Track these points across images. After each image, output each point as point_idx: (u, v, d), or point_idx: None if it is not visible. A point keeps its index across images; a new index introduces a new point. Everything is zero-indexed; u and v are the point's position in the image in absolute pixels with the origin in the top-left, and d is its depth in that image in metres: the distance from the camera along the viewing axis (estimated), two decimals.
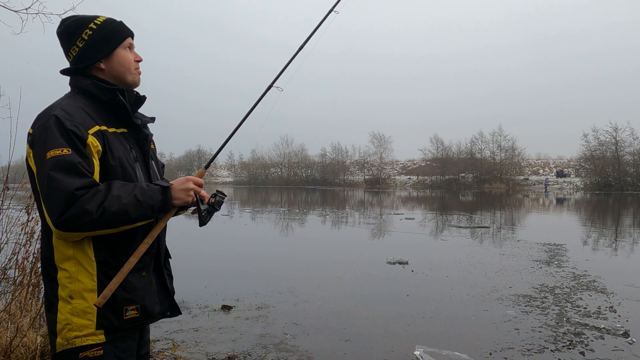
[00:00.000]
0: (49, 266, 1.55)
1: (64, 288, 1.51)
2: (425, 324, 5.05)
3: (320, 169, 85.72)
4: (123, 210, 1.47)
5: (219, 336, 4.58)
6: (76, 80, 1.67)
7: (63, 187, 1.40)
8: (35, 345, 3.49)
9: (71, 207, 1.40)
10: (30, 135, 1.52)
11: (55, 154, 1.44)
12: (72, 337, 1.49)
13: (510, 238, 12.34)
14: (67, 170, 1.43)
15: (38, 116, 1.55)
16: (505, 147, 68.70)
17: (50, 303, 1.55)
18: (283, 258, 9.47)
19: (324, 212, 22.40)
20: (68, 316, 1.50)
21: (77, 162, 1.45)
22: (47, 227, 1.53)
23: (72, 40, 1.66)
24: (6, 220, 4.20)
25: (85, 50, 1.65)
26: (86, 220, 1.42)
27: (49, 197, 1.43)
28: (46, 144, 1.45)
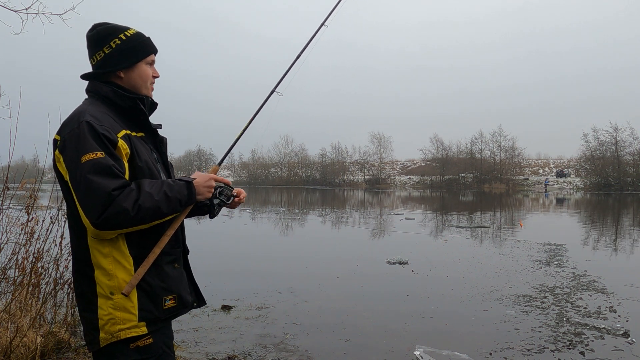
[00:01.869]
0: (86, 267, 1.61)
1: (103, 285, 1.59)
2: (425, 323, 5.05)
3: (320, 169, 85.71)
4: (156, 207, 1.57)
5: (219, 336, 4.58)
6: (96, 87, 1.75)
7: (101, 189, 1.48)
8: (35, 345, 3.49)
9: (109, 207, 1.48)
10: (59, 142, 1.59)
11: (90, 157, 1.51)
12: (116, 330, 1.58)
13: (510, 238, 12.34)
14: (103, 173, 1.51)
15: (64, 123, 1.62)
16: (505, 147, 68.73)
17: (89, 302, 1.62)
18: (283, 258, 9.47)
19: (324, 212, 22.40)
20: (111, 311, 1.58)
21: (111, 165, 1.53)
22: (78, 229, 1.61)
23: (100, 46, 1.73)
24: (6, 220, 4.20)
25: (110, 57, 1.73)
26: (123, 218, 1.51)
27: (86, 199, 1.50)
28: (80, 148, 1.53)
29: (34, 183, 4.28)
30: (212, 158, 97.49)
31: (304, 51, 2.29)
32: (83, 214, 1.51)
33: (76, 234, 1.63)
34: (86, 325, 1.64)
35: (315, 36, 2.34)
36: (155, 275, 1.66)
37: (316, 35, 2.35)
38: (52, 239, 4.25)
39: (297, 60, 2.27)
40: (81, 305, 1.65)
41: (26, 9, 4.20)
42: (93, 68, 1.77)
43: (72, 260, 1.70)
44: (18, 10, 4.20)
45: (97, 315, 1.59)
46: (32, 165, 4.90)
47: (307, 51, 2.31)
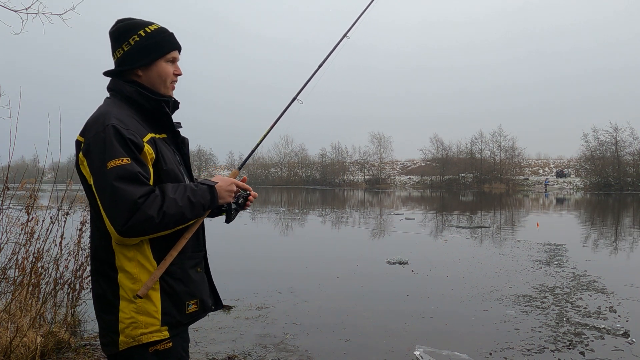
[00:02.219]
0: (109, 269, 1.59)
1: (126, 289, 1.57)
2: (425, 323, 5.05)
3: (320, 169, 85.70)
4: (180, 213, 1.55)
5: (219, 336, 4.58)
6: (119, 85, 1.69)
7: (128, 197, 1.45)
8: (35, 345, 3.49)
9: (134, 215, 1.46)
10: (84, 144, 1.55)
11: (117, 164, 1.48)
12: (138, 334, 1.56)
13: (510, 238, 12.34)
14: (129, 180, 1.48)
15: (89, 125, 1.58)
16: (505, 147, 68.73)
17: (109, 304, 1.59)
18: (283, 258, 9.47)
19: (324, 212, 22.40)
20: (133, 314, 1.56)
21: (138, 172, 1.50)
22: (105, 231, 1.56)
23: (119, 43, 1.69)
24: (6, 220, 4.20)
25: (128, 55, 1.68)
26: (148, 225, 1.48)
27: (112, 206, 1.47)
28: (105, 153, 1.49)
29: (34, 183, 4.28)
30: (212, 158, 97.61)
31: (325, 60, 2.34)
32: (107, 221, 1.49)
33: (102, 235, 1.59)
34: (104, 327, 1.61)
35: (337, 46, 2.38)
36: (180, 280, 1.64)
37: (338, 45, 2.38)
38: (52, 239, 4.25)
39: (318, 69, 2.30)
40: (100, 307, 1.62)
41: (26, 9, 4.20)
42: (115, 66, 1.72)
43: (91, 260, 1.67)
44: (18, 10, 4.20)
45: (117, 318, 1.56)
46: (32, 165, 4.90)
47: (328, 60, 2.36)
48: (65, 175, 4.78)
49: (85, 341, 4.25)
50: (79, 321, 4.72)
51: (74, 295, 4.54)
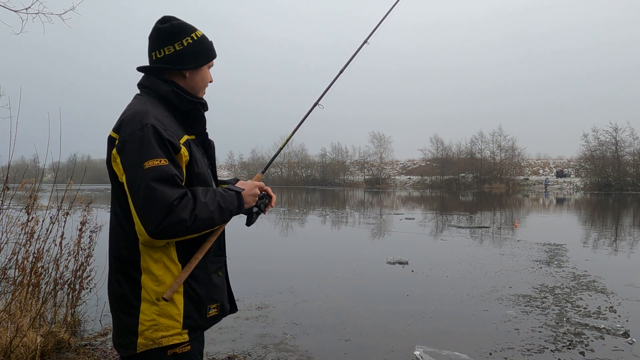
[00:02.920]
0: (132, 269, 1.57)
1: (149, 290, 1.55)
2: (425, 323, 5.05)
3: (320, 169, 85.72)
4: (210, 217, 1.56)
5: (219, 336, 4.57)
6: (154, 84, 1.68)
7: (164, 199, 1.45)
8: (35, 345, 3.49)
9: (168, 217, 1.45)
10: (118, 141, 1.53)
11: (154, 164, 1.47)
12: (158, 337, 1.54)
13: (510, 238, 12.34)
14: (166, 182, 1.47)
15: (124, 122, 1.55)
16: (505, 147, 68.74)
17: (130, 305, 1.56)
18: (283, 258, 9.47)
19: (324, 212, 22.40)
20: (155, 317, 1.54)
21: (175, 174, 1.50)
22: (132, 230, 1.55)
23: (171, 41, 1.67)
24: (6, 220, 4.20)
25: (180, 54, 1.68)
26: (180, 228, 1.48)
27: (146, 207, 1.45)
28: (143, 153, 1.48)
29: (34, 183, 4.28)
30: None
31: (347, 66, 2.43)
32: (138, 221, 1.47)
33: (127, 235, 1.57)
34: (122, 328, 1.58)
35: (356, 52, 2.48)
36: (203, 284, 1.64)
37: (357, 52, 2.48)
38: (52, 239, 4.25)
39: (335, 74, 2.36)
40: (119, 307, 1.59)
41: (26, 9, 4.20)
42: (155, 62, 1.69)
43: (112, 259, 1.63)
44: (18, 10, 4.20)
45: (138, 319, 1.54)
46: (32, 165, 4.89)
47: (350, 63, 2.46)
48: (65, 175, 4.78)
49: (85, 341, 4.25)
50: (79, 321, 4.72)
51: (74, 295, 4.54)
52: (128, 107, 1.63)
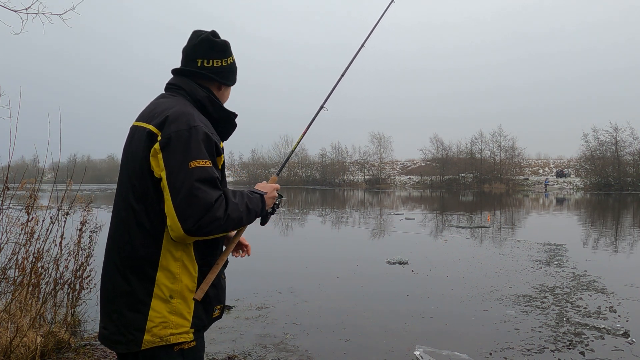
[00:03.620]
0: (149, 266, 1.57)
1: (163, 288, 1.57)
2: (425, 323, 5.05)
3: (320, 169, 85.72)
4: (240, 217, 1.63)
5: (219, 336, 4.57)
6: (192, 87, 1.76)
7: (207, 199, 1.51)
8: (35, 345, 3.49)
9: (206, 215, 1.50)
10: (162, 138, 1.56)
11: (200, 164, 1.53)
12: (167, 334, 1.55)
13: (510, 238, 12.34)
14: (209, 183, 1.54)
15: (171, 119, 1.59)
16: (505, 147, 68.75)
17: (139, 302, 1.56)
18: (283, 258, 9.47)
19: (324, 212, 22.40)
20: (165, 314, 1.56)
21: (216, 177, 1.57)
22: (154, 227, 1.58)
23: (222, 55, 1.81)
24: (6, 220, 4.19)
25: (226, 70, 1.83)
26: (215, 226, 1.54)
27: (187, 204, 1.49)
28: (189, 153, 1.53)
29: (34, 183, 4.28)
30: None
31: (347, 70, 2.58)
32: (175, 217, 1.49)
33: (147, 232, 1.58)
34: (125, 324, 1.57)
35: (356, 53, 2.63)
36: (213, 285, 1.68)
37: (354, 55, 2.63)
38: (52, 239, 4.25)
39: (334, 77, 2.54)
40: (125, 304, 1.58)
41: (26, 9, 4.20)
42: (201, 69, 1.78)
43: (114, 256, 1.63)
44: (18, 10, 4.20)
45: (146, 316, 1.55)
46: (32, 165, 4.89)
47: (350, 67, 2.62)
48: (65, 175, 4.78)
49: (85, 341, 4.25)
50: (79, 321, 4.72)
51: (74, 295, 4.54)
52: (168, 104, 1.66)
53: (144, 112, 1.72)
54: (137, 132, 1.66)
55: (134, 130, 1.69)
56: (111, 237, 1.67)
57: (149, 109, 1.71)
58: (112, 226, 1.69)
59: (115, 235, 1.65)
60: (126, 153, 1.69)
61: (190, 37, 1.82)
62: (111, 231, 1.68)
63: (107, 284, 1.65)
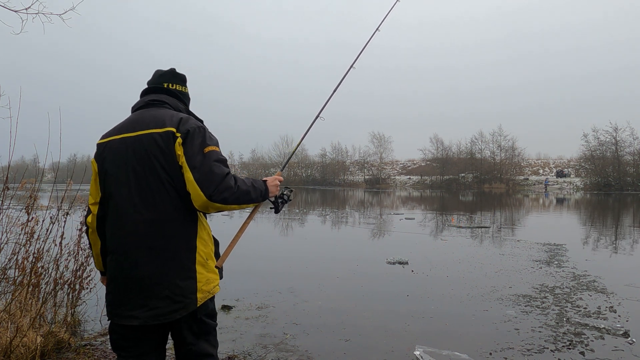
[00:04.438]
0: (191, 237, 2.02)
1: (202, 253, 2.05)
2: (425, 323, 5.05)
3: (320, 169, 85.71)
4: (247, 191, 2.09)
5: (218, 336, 4.52)
6: (175, 103, 2.25)
7: (221, 172, 1.99)
8: (35, 345, 3.49)
9: (222, 183, 1.97)
10: (182, 132, 2.00)
11: (214, 149, 2.04)
12: (210, 288, 2.07)
13: (510, 238, 12.34)
14: (222, 162, 2.04)
15: (183, 120, 2.05)
16: (505, 147, 68.75)
17: (188, 269, 1.99)
18: (283, 258, 9.47)
19: (324, 212, 22.39)
20: (205, 273, 2.05)
21: (225, 158, 2.09)
22: (181, 206, 1.99)
23: (184, 84, 2.37)
24: (6, 220, 4.20)
25: (187, 94, 2.40)
26: (229, 193, 1.99)
27: (207, 177, 1.95)
28: (205, 141, 2.03)
29: (34, 183, 4.28)
30: None
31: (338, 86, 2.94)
32: (198, 188, 1.93)
33: (179, 209, 1.99)
34: (183, 292, 1.97)
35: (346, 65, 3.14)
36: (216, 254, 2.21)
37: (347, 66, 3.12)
38: (52, 239, 4.25)
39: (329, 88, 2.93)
40: (175, 276, 1.96)
41: (26, 9, 4.20)
42: (174, 91, 2.27)
43: (155, 236, 1.96)
44: (18, 10, 4.20)
45: (196, 280, 2.00)
46: (32, 165, 4.89)
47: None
48: (65, 175, 4.78)
49: (85, 341, 4.25)
50: (79, 321, 4.72)
51: (74, 295, 4.54)
52: (168, 113, 2.11)
53: (138, 121, 2.08)
54: (144, 138, 2.01)
55: (133, 140, 2.02)
56: (137, 230, 1.96)
57: (145, 117, 2.09)
58: (140, 222, 1.96)
59: (156, 223, 1.96)
60: (139, 159, 2.00)
61: (161, 72, 2.31)
62: (140, 222, 1.96)
63: (140, 271, 1.95)
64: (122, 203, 1.99)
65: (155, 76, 2.29)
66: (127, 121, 2.13)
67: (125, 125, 2.11)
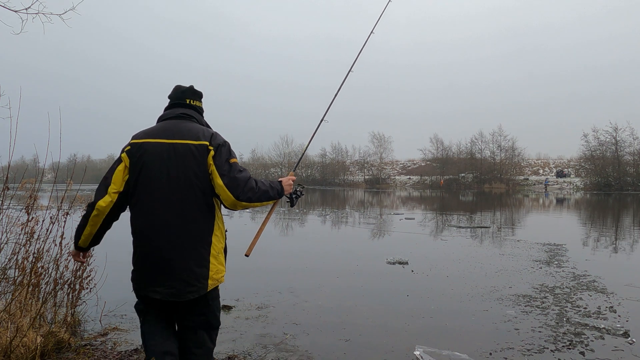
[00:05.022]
0: (208, 234, 2.45)
1: (215, 247, 2.50)
2: (425, 323, 5.05)
3: (320, 169, 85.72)
4: (266, 190, 2.56)
5: (219, 336, 4.54)
6: (200, 118, 2.68)
7: (244, 177, 2.47)
8: (35, 345, 3.49)
9: (246, 184, 2.45)
10: (214, 146, 2.45)
11: (235, 161, 2.51)
12: (220, 276, 2.54)
13: (510, 238, 12.34)
14: (243, 169, 2.52)
15: (214, 136, 2.50)
16: (505, 147, 68.80)
17: (204, 259, 2.44)
18: (283, 258, 9.46)
19: (324, 212, 22.39)
20: (217, 265, 2.51)
21: (244, 168, 2.54)
22: (213, 206, 2.49)
23: (201, 99, 2.75)
24: (6, 220, 4.19)
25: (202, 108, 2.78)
26: (252, 192, 2.46)
27: (234, 181, 2.41)
28: (230, 154, 2.50)
29: (34, 183, 4.28)
30: None
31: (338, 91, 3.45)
32: (227, 191, 2.39)
33: (206, 210, 2.44)
34: (198, 277, 2.40)
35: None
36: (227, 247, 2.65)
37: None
38: (52, 239, 4.25)
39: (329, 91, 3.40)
40: (194, 264, 2.39)
41: (26, 9, 4.21)
42: (194, 106, 2.66)
43: (189, 234, 2.38)
44: (18, 10, 4.21)
45: (209, 269, 2.44)
46: (32, 165, 4.89)
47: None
48: (65, 175, 4.78)
49: (85, 341, 4.25)
50: (79, 321, 4.72)
51: (74, 295, 4.54)
52: (200, 128, 2.51)
53: (175, 131, 2.45)
54: (182, 147, 2.40)
55: (171, 147, 2.41)
56: (169, 223, 2.36)
57: (181, 128, 2.46)
58: (171, 218, 2.36)
59: (184, 221, 2.37)
60: (176, 164, 2.38)
61: (183, 88, 2.68)
62: (171, 218, 2.36)
63: (167, 257, 2.36)
64: (156, 198, 2.37)
65: (178, 92, 2.64)
66: (160, 128, 2.47)
67: (159, 131, 2.46)
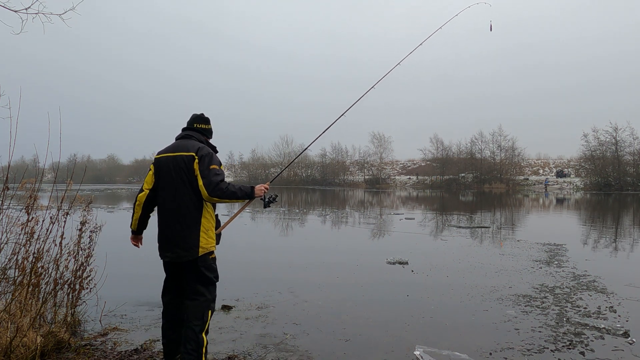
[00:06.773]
0: (198, 217, 3.38)
1: (204, 226, 3.41)
2: (425, 324, 5.05)
3: (320, 169, 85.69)
4: (234, 191, 3.39)
5: (219, 336, 4.57)
6: (200, 137, 3.63)
7: (218, 179, 3.34)
8: (35, 345, 3.49)
9: (218, 185, 3.32)
10: (199, 156, 3.39)
11: (215, 167, 3.39)
12: (208, 245, 3.43)
13: (510, 238, 12.34)
14: (220, 175, 3.39)
15: (200, 148, 3.45)
16: (505, 147, 68.74)
17: (195, 235, 3.36)
18: (283, 258, 9.47)
19: (324, 212, 22.39)
20: (207, 239, 3.42)
21: (222, 173, 3.44)
22: (195, 198, 3.37)
23: (208, 123, 3.77)
24: (6, 220, 4.19)
25: (210, 130, 3.80)
26: (222, 192, 3.31)
27: (210, 182, 3.30)
28: (211, 162, 3.39)
29: (34, 183, 4.27)
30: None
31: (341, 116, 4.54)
32: (204, 188, 3.30)
33: (195, 200, 3.37)
34: (191, 246, 3.34)
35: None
36: (217, 227, 3.57)
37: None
38: (52, 239, 4.25)
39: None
40: (188, 236, 3.34)
41: (26, 9, 4.21)
42: (199, 129, 3.68)
43: (186, 216, 3.36)
44: (18, 10, 4.20)
45: (199, 241, 3.36)
46: (32, 165, 4.89)
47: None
48: (65, 175, 4.78)
49: (85, 341, 4.25)
50: (79, 321, 4.72)
51: (74, 295, 4.54)
52: (193, 143, 3.49)
53: (177, 147, 3.48)
54: (178, 157, 3.39)
55: (173, 158, 3.41)
56: (172, 209, 3.37)
57: (180, 145, 3.48)
58: (173, 205, 3.37)
59: (180, 207, 3.35)
60: (174, 169, 3.38)
61: (195, 115, 3.72)
62: (173, 205, 3.37)
63: (171, 231, 3.37)
64: (166, 193, 3.41)
65: (190, 118, 3.68)
66: (171, 146, 3.53)
67: (170, 148, 3.50)
